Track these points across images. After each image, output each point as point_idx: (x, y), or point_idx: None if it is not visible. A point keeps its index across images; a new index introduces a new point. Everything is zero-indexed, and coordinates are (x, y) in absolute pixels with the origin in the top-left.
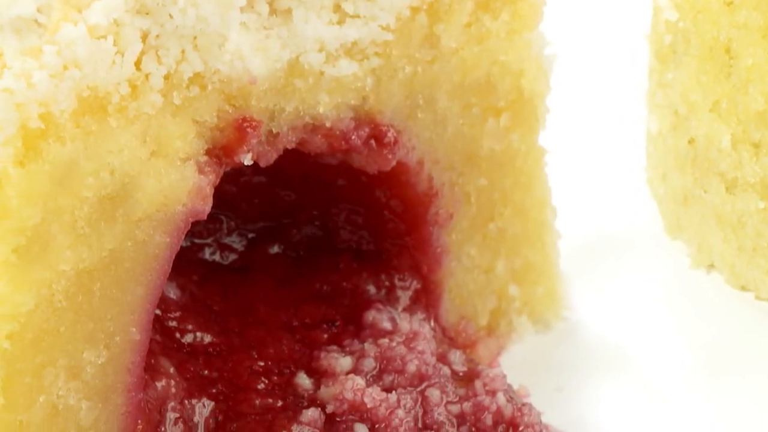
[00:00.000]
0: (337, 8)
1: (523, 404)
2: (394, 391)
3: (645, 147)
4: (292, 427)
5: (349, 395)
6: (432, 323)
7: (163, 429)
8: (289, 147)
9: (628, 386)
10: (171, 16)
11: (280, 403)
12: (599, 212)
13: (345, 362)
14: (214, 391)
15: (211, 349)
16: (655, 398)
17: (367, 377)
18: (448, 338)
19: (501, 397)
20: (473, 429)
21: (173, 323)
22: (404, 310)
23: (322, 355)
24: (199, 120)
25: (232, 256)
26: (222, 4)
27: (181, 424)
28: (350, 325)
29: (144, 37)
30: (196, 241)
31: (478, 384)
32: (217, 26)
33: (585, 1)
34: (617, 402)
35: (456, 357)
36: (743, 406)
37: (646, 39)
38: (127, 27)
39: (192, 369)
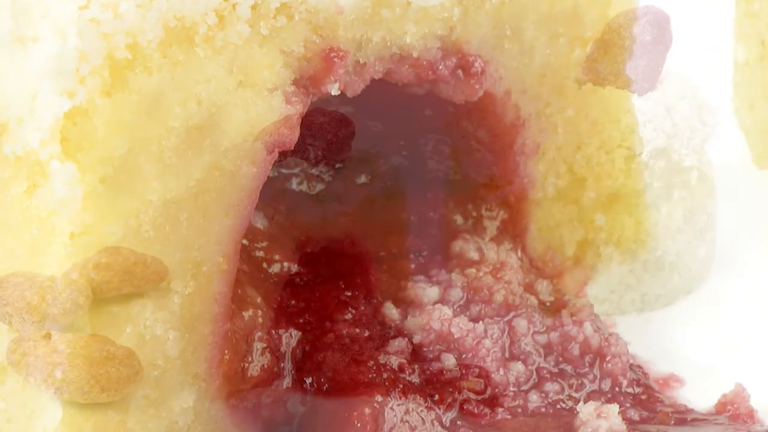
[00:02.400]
0: None
1: (610, 334)
2: (481, 321)
3: (732, 77)
4: (379, 357)
5: (436, 325)
6: (519, 253)
7: (249, 359)
8: (376, 77)
9: (715, 317)
10: None
11: (366, 333)
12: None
13: (432, 292)
14: (301, 321)
15: (298, 279)
16: (744, 329)
17: (454, 307)
18: (534, 268)
19: (588, 327)
20: (560, 359)
21: (260, 253)
22: (491, 240)
23: (409, 285)
24: (286, 50)
25: (319, 186)
26: None
27: (268, 354)
28: (437, 255)
29: None
30: (283, 171)
31: (564, 314)
32: None
33: None
34: (704, 333)
35: (543, 287)
36: None
37: None
38: None
39: (279, 299)
